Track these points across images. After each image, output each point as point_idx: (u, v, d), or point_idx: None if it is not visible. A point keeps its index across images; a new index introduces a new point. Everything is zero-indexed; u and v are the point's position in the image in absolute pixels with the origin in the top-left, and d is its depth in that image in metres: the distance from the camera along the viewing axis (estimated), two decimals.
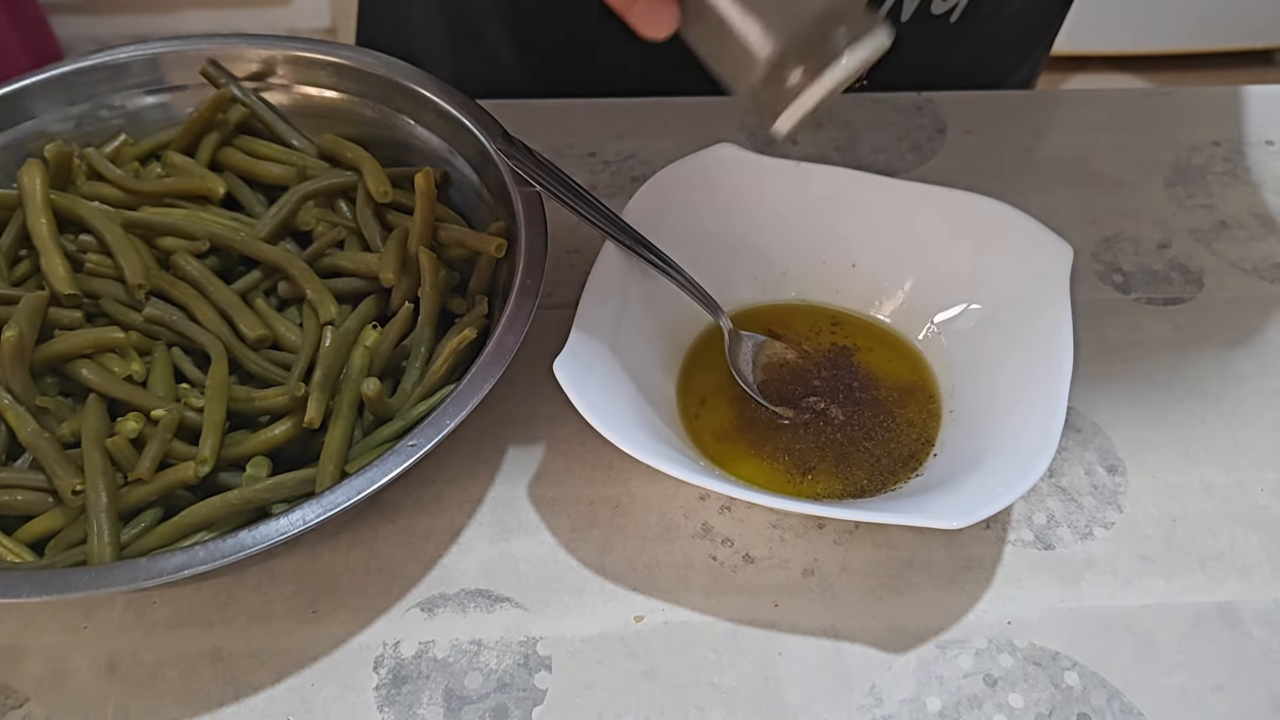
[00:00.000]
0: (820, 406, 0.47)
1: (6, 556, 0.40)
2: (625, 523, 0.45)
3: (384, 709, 0.39)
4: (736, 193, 0.50)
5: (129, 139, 0.54)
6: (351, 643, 0.41)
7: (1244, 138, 0.63)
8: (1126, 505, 0.46)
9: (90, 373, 0.44)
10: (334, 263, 0.49)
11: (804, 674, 0.41)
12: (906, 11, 0.62)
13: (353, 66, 0.54)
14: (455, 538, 0.44)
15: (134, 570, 0.36)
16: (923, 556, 0.44)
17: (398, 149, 0.54)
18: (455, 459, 0.47)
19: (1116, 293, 0.54)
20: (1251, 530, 0.45)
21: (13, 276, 0.48)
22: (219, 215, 0.51)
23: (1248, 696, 0.40)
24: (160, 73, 0.55)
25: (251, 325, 0.46)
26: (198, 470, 0.41)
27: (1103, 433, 0.48)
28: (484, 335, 0.46)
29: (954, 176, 0.51)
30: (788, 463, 0.45)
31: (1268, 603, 0.43)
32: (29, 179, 0.49)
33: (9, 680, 0.40)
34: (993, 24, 0.66)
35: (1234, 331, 0.52)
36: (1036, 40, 0.72)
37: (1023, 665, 0.41)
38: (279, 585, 0.43)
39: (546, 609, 0.42)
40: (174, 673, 0.40)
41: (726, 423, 0.47)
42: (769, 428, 0.46)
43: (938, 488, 0.42)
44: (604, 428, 0.39)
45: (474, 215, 0.52)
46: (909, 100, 0.63)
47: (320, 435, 0.43)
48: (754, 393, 0.47)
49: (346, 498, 0.38)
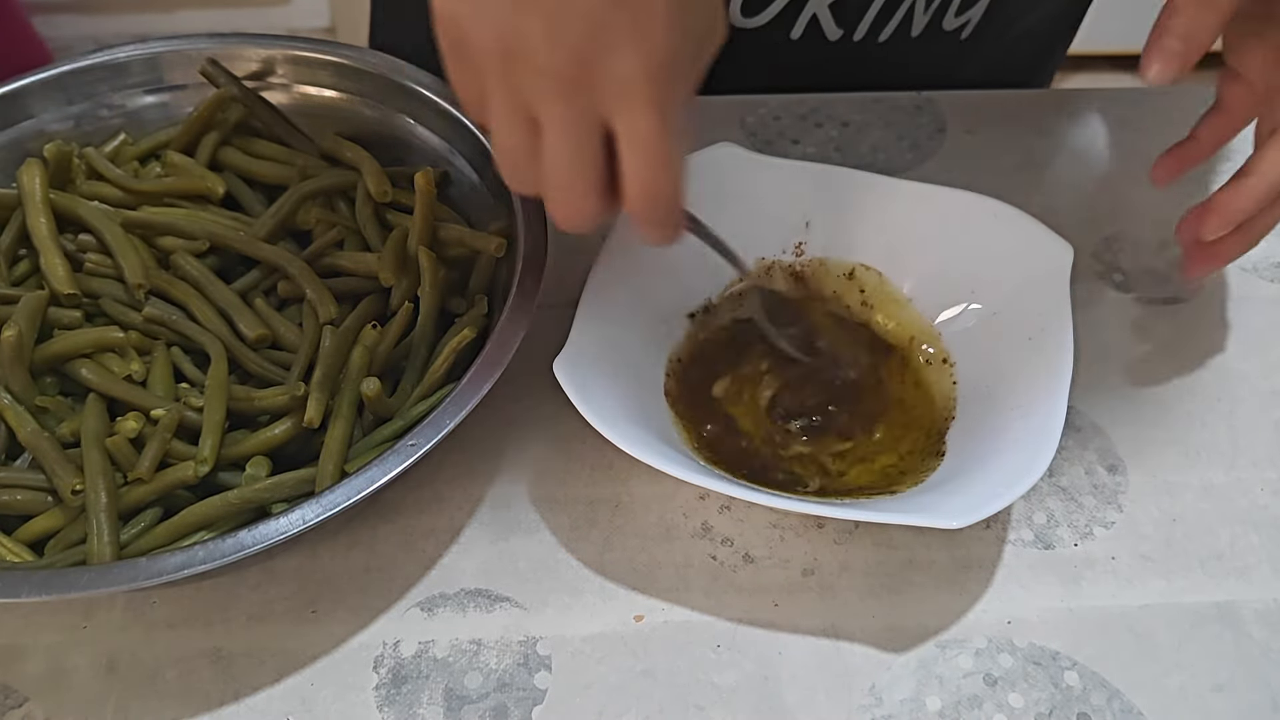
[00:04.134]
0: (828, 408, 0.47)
1: (6, 556, 0.40)
2: (625, 522, 0.45)
3: (384, 709, 0.39)
4: (736, 193, 0.50)
5: (128, 138, 0.54)
6: (351, 642, 0.41)
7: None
8: (1126, 505, 0.46)
9: (90, 372, 0.44)
10: (333, 262, 0.49)
11: (804, 673, 0.41)
12: (917, 27, 0.62)
13: (353, 66, 0.54)
14: (455, 537, 0.44)
15: (134, 570, 0.36)
16: (923, 556, 0.44)
17: (398, 149, 0.54)
18: (455, 459, 0.47)
19: (1116, 292, 0.54)
20: (1251, 530, 0.45)
21: (12, 276, 0.48)
22: (219, 215, 0.51)
23: (1248, 696, 0.40)
24: (160, 72, 0.55)
25: (251, 325, 0.46)
26: (197, 470, 0.41)
27: (1103, 433, 0.48)
28: (484, 335, 0.46)
29: (954, 176, 0.51)
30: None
31: (1268, 603, 0.43)
32: (28, 178, 0.49)
33: (9, 680, 0.40)
34: (1005, 40, 0.66)
35: (1234, 331, 0.52)
36: (1047, 57, 0.72)
37: (1023, 665, 0.41)
38: (279, 585, 0.43)
39: (546, 608, 0.42)
40: (174, 672, 0.40)
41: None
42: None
43: (938, 488, 0.42)
44: (604, 428, 0.39)
45: (474, 215, 0.52)
46: (909, 100, 0.63)
47: (320, 435, 0.43)
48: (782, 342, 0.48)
49: (346, 497, 0.38)
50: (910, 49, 0.63)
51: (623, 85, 0.32)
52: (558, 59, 0.32)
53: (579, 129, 0.34)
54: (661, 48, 0.32)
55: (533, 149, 0.35)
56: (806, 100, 0.63)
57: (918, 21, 0.62)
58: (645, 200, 0.35)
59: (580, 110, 0.33)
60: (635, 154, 0.34)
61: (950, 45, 0.64)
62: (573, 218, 0.36)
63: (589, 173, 0.35)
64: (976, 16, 0.63)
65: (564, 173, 0.35)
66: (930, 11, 0.61)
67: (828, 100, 0.63)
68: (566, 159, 0.34)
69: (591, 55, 0.32)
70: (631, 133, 0.34)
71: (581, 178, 0.35)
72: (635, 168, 0.35)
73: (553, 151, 0.34)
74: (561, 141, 0.34)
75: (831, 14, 0.60)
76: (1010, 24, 0.65)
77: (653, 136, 0.34)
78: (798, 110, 0.62)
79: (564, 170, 0.35)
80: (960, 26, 0.63)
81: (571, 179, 0.35)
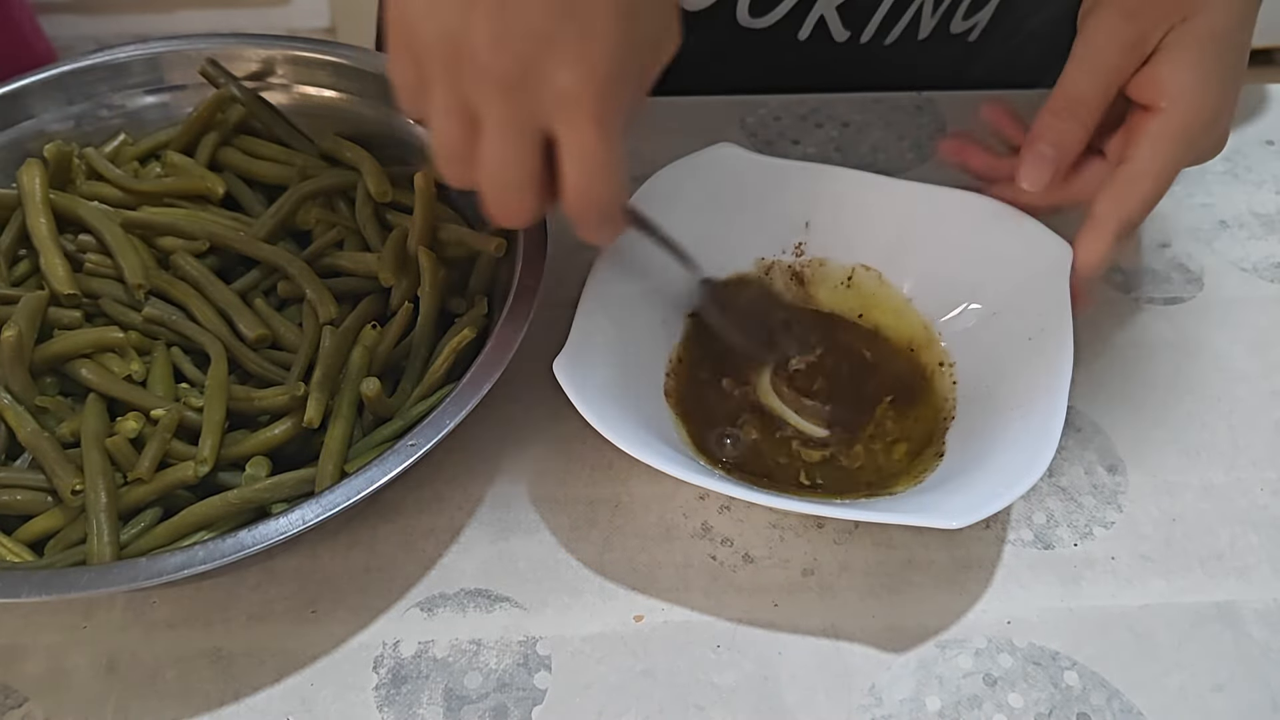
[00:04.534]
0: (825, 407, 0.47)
1: (6, 556, 0.40)
2: (625, 522, 0.45)
3: (384, 709, 0.39)
4: (736, 193, 0.50)
5: (128, 139, 0.54)
6: (351, 642, 0.41)
7: (1244, 137, 0.63)
8: (1126, 505, 0.46)
9: (90, 372, 0.44)
10: (333, 262, 0.49)
11: (803, 673, 0.40)
12: (924, 29, 0.62)
13: (353, 66, 0.54)
14: (455, 537, 0.44)
15: (133, 570, 0.36)
16: (922, 556, 0.44)
17: (398, 149, 0.54)
18: (455, 458, 0.47)
19: (1116, 293, 0.54)
20: (1251, 530, 0.45)
21: (12, 276, 0.48)
22: (219, 215, 0.51)
23: (1248, 696, 0.40)
24: (160, 72, 0.55)
25: (251, 325, 0.46)
26: (197, 470, 0.41)
27: (1103, 432, 0.48)
28: (483, 335, 0.46)
29: (954, 176, 0.50)
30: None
31: (1268, 603, 0.43)
32: (28, 179, 0.49)
33: (9, 680, 0.40)
34: (1011, 43, 0.66)
35: (1234, 331, 0.52)
36: (1054, 58, 0.71)
37: (1022, 665, 0.41)
38: (279, 585, 0.43)
39: (546, 608, 0.42)
40: (173, 672, 0.40)
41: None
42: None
43: (938, 488, 0.42)
44: (604, 428, 0.39)
45: (474, 215, 0.52)
46: (909, 100, 0.63)
47: (320, 435, 0.43)
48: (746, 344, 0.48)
49: (346, 497, 0.38)
50: (917, 51, 0.63)
51: (564, 97, 0.33)
52: (502, 62, 0.32)
53: (518, 131, 0.34)
54: (605, 61, 0.32)
55: (470, 145, 0.35)
56: (807, 100, 0.63)
57: (925, 24, 0.62)
58: (582, 205, 0.36)
59: (521, 113, 0.34)
60: (573, 162, 0.35)
61: (957, 48, 0.64)
62: (508, 215, 0.37)
63: (525, 173, 0.35)
64: (984, 19, 0.63)
65: (500, 172, 0.35)
66: (938, 14, 0.61)
67: (828, 100, 0.63)
68: (503, 158, 0.35)
69: (535, 63, 0.32)
70: (570, 142, 0.34)
71: (517, 177, 0.35)
72: (573, 175, 0.35)
73: (491, 150, 0.35)
74: (500, 141, 0.34)
75: (839, 15, 0.60)
76: (1017, 26, 0.65)
77: (591, 147, 0.34)
78: (798, 110, 0.62)
79: (500, 169, 0.35)
80: (968, 29, 0.63)
81: (507, 178, 0.35)
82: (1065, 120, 0.45)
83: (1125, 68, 0.45)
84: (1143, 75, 0.44)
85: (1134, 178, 0.44)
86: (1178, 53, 0.43)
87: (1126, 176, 0.44)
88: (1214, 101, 0.43)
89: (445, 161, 0.36)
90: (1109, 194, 0.44)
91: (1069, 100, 0.45)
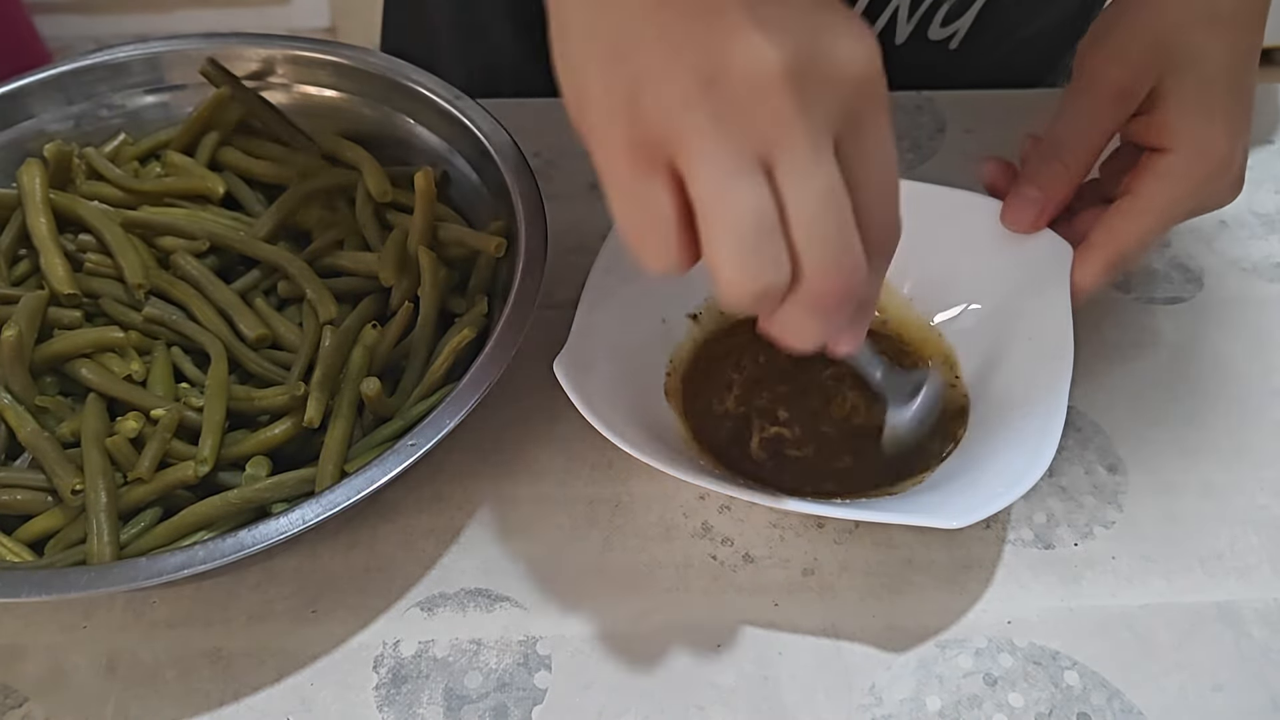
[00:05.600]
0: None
1: (6, 556, 0.40)
2: (625, 522, 0.45)
3: (384, 708, 0.39)
4: None
5: (128, 138, 0.54)
6: (351, 642, 0.41)
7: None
8: (1126, 504, 0.46)
9: (90, 372, 0.44)
10: (333, 262, 0.49)
11: (803, 673, 0.41)
12: (900, 35, 0.61)
13: (353, 66, 0.54)
14: (455, 537, 0.44)
15: (133, 570, 0.36)
16: (923, 556, 0.44)
17: (398, 148, 0.54)
18: (455, 459, 0.47)
19: (1116, 292, 0.54)
20: (1251, 530, 0.45)
21: (12, 276, 0.48)
22: (219, 215, 0.51)
23: (1248, 696, 0.40)
24: (160, 72, 0.55)
25: (251, 325, 0.46)
26: (197, 470, 0.41)
27: (1103, 432, 0.48)
28: (484, 335, 0.46)
29: (954, 176, 0.50)
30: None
31: (1268, 603, 0.43)
32: (28, 178, 0.49)
33: (9, 680, 0.40)
34: (999, 52, 0.65)
35: (1234, 331, 0.52)
36: (1052, 63, 0.70)
37: (1023, 665, 0.41)
38: (279, 585, 0.43)
39: (546, 608, 0.42)
40: (173, 672, 0.40)
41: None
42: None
43: (938, 488, 0.42)
44: (604, 428, 0.39)
45: (474, 215, 0.52)
46: (909, 100, 0.63)
47: (320, 435, 0.43)
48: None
49: (346, 497, 0.38)
50: (895, 56, 0.63)
51: (857, 80, 0.28)
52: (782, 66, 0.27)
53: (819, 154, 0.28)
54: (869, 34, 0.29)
55: (775, 214, 0.28)
56: None
57: (901, 30, 0.61)
58: (885, 237, 0.32)
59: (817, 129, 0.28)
60: (874, 165, 0.30)
61: (938, 55, 0.63)
62: (846, 290, 0.30)
63: (846, 216, 0.29)
64: (964, 28, 0.62)
65: (822, 220, 0.28)
66: (914, 21, 0.61)
67: None
68: (824, 205, 0.28)
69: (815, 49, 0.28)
70: (871, 138, 0.30)
71: (839, 220, 0.29)
72: (876, 178, 0.30)
73: (802, 199, 0.28)
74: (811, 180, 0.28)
75: None
76: (1005, 35, 0.64)
77: (890, 144, 0.30)
78: None
79: (822, 214, 0.28)
80: (948, 37, 0.62)
81: (843, 237, 0.29)
82: (1051, 164, 0.46)
83: (1115, 114, 0.45)
84: (1151, 121, 0.44)
85: (1133, 211, 0.44)
86: (1183, 99, 0.43)
87: (1125, 209, 0.44)
88: (1223, 145, 0.43)
89: (750, 249, 0.28)
90: (1105, 224, 0.44)
91: (1054, 144, 0.46)
